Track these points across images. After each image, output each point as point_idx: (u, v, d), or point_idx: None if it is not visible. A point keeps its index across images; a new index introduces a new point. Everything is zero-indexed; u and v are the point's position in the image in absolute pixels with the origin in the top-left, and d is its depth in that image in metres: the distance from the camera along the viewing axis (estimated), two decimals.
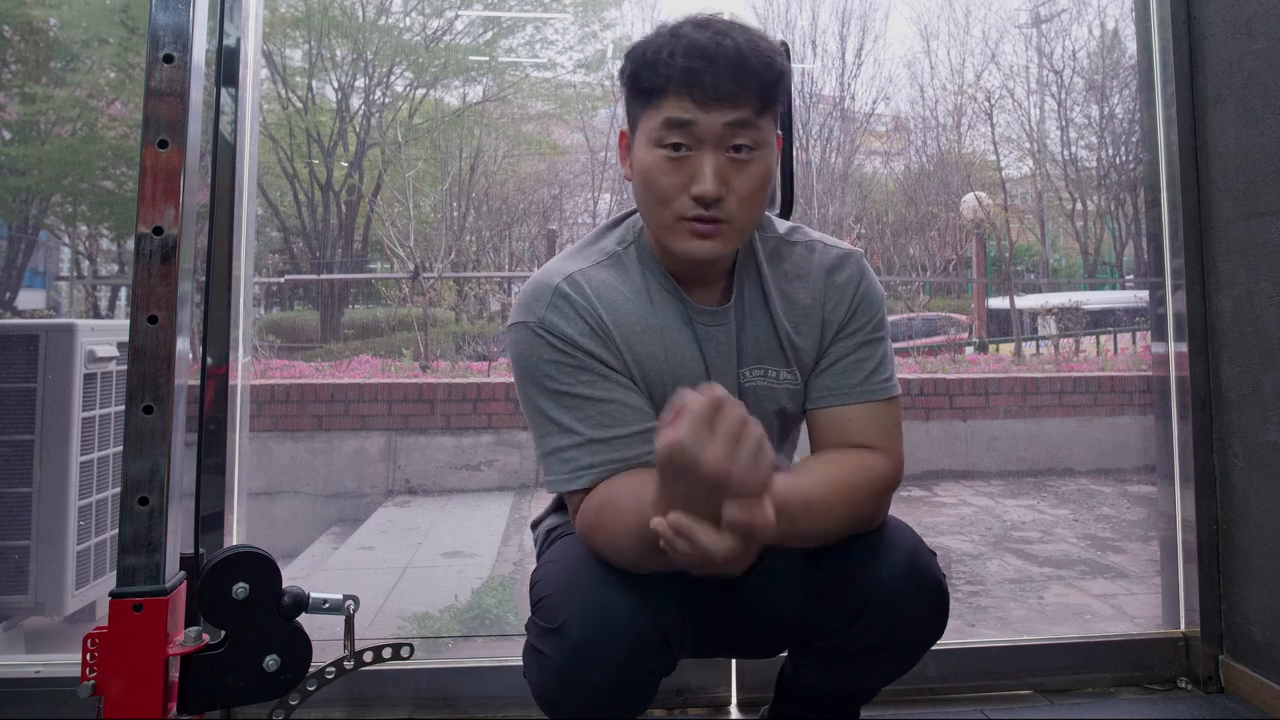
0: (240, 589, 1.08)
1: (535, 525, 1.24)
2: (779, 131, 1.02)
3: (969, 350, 8.09)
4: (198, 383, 1.44)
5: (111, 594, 1.01)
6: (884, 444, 1.03)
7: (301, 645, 1.11)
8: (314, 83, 8.39)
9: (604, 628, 0.90)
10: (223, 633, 1.10)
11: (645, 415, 0.99)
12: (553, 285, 1.01)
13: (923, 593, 1.00)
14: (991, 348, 8.23)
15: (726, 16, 0.99)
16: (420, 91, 8.28)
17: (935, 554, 1.05)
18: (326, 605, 1.15)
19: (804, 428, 1.14)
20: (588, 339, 0.99)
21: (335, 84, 8.42)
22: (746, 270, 1.07)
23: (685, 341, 1.04)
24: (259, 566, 1.10)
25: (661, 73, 0.94)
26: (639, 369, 1.02)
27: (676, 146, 0.94)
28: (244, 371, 1.59)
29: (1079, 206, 9.30)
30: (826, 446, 1.05)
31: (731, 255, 1.04)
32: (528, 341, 0.99)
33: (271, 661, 1.09)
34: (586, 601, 0.92)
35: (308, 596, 1.14)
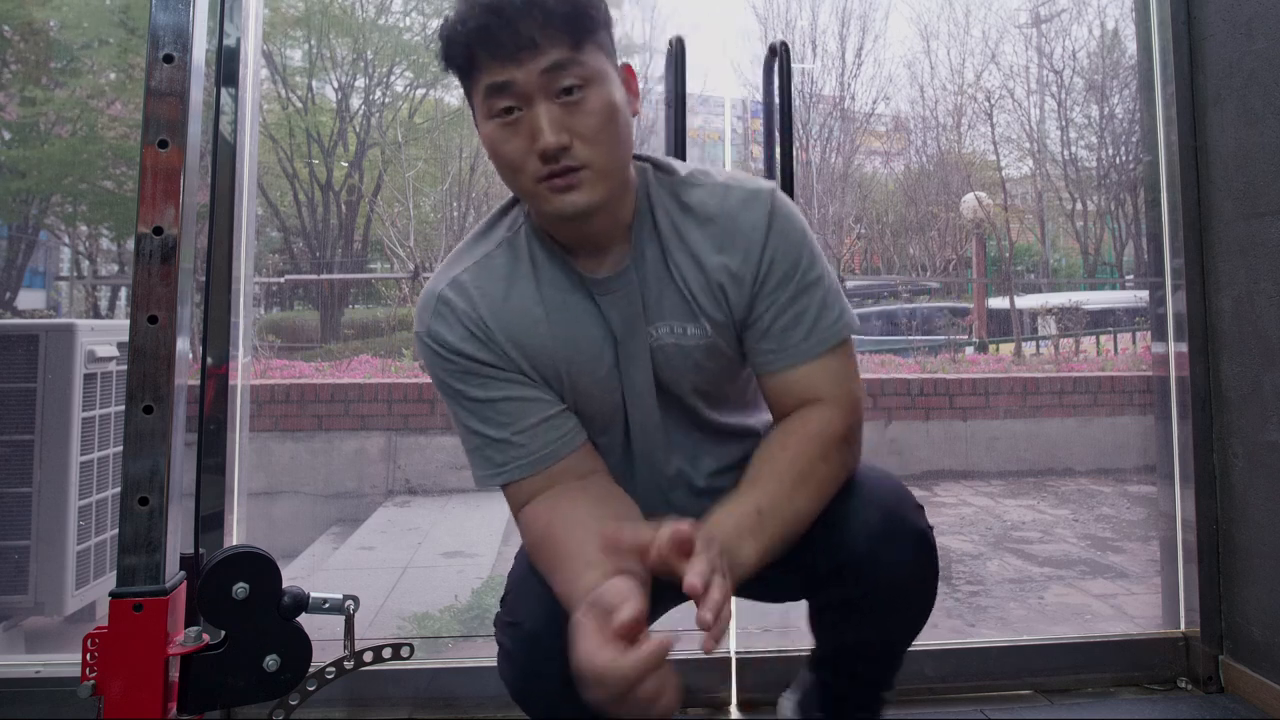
0: (240, 589, 1.08)
1: None
2: (618, 60, 0.96)
3: (969, 350, 8.09)
4: (198, 383, 1.44)
5: (111, 594, 1.01)
6: (835, 393, 0.99)
7: (301, 645, 1.11)
8: (314, 83, 8.39)
9: (553, 616, 0.89)
10: (223, 633, 1.10)
11: (543, 405, 0.99)
12: (436, 293, 1.00)
13: (900, 544, 0.98)
14: (991, 348, 8.23)
15: None
16: (420, 91, 8.28)
17: (921, 507, 1.02)
18: (326, 605, 1.15)
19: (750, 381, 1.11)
20: (468, 343, 0.98)
21: (335, 84, 8.42)
22: (643, 223, 1.00)
23: (581, 317, 1.00)
24: (259, 566, 1.10)
25: (462, 43, 0.90)
26: (529, 361, 1.00)
27: (507, 110, 0.90)
28: (244, 371, 1.59)
29: (1079, 206, 9.30)
30: (780, 410, 1.02)
31: (623, 210, 0.98)
32: (423, 351, 1.01)
33: (271, 661, 1.09)
34: (538, 589, 0.94)
35: (308, 596, 1.14)
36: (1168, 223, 1.76)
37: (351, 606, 1.16)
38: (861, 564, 0.97)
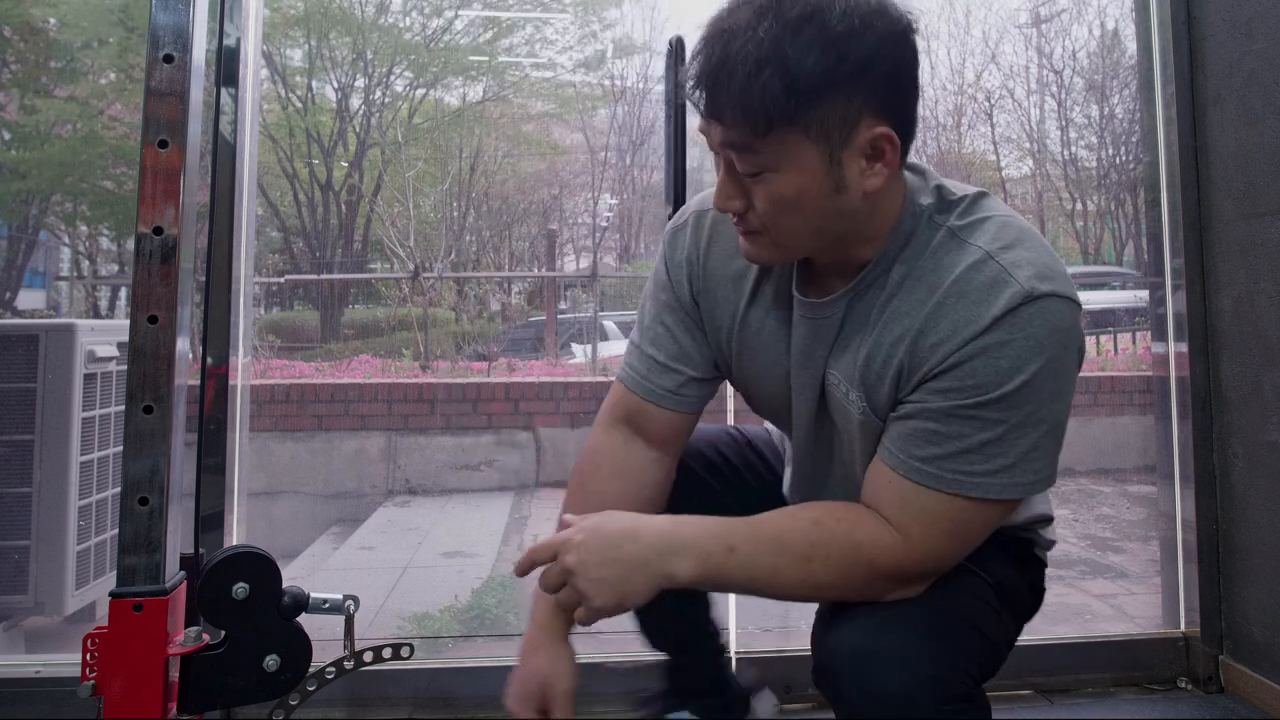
0: (240, 589, 1.08)
1: None
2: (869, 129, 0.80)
3: None
4: (198, 383, 1.44)
5: (111, 594, 1.01)
6: (910, 529, 0.82)
7: (301, 645, 1.11)
8: (314, 83, 8.40)
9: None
10: (223, 633, 1.10)
11: (686, 358, 1.02)
12: (692, 210, 1.03)
13: (864, 695, 0.77)
14: None
15: None
16: (420, 91, 8.28)
17: (959, 681, 0.81)
18: (326, 605, 1.15)
19: None
20: (677, 269, 1.02)
21: (335, 84, 8.43)
22: (880, 266, 0.87)
23: (768, 323, 0.96)
24: (259, 566, 1.10)
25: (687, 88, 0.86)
26: (710, 323, 1.01)
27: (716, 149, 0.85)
28: (244, 371, 1.59)
29: (1079, 206, 9.30)
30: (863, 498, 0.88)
31: (848, 255, 0.89)
32: (663, 242, 1.06)
33: (271, 662, 1.08)
34: None
35: (308, 596, 1.14)
36: (1168, 223, 1.76)
37: (351, 607, 1.16)
38: (828, 678, 0.82)
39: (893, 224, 0.87)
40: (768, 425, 1.24)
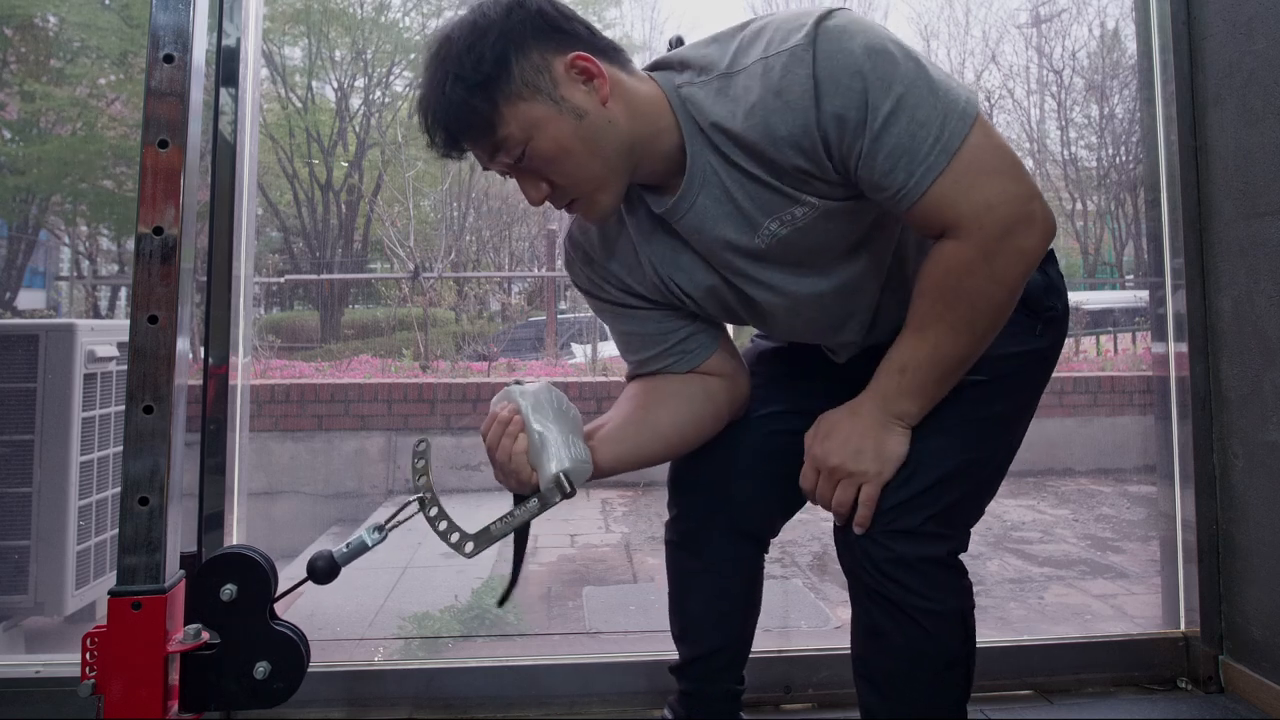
0: (228, 590, 1.06)
1: None
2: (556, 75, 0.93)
3: None
4: (198, 383, 1.44)
5: (110, 592, 1.01)
6: (958, 220, 0.90)
7: (293, 655, 1.08)
8: (314, 82, 8.40)
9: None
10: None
11: (652, 341, 1.12)
12: (564, 242, 1.15)
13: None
14: None
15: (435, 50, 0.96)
16: (420, 91, 8.27)
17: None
18: (348, 548, 1.07)
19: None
20: (595, 287, 1.13)
21: (335, 84, 8.43)
22: (694, 140, 0.97)
23: (667, 251, 1.06)
24: (249, 569, 1.07)
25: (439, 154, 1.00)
26: (648, 296, 1.10)
27: (503, 173, 0.99)
28: (244, 371, 1.59)
29: (1079, 206, 9.30)
30: (927, 235, 0.97)
31: (657, 149, 0.97)
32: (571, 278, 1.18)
33: (262, 669, 1.06)
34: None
35: (331, 555, 1.09)
36: (1168, 223, 1.76)
37: (376, 537, 1.08)
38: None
39: (668, 108, 0.96)
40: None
